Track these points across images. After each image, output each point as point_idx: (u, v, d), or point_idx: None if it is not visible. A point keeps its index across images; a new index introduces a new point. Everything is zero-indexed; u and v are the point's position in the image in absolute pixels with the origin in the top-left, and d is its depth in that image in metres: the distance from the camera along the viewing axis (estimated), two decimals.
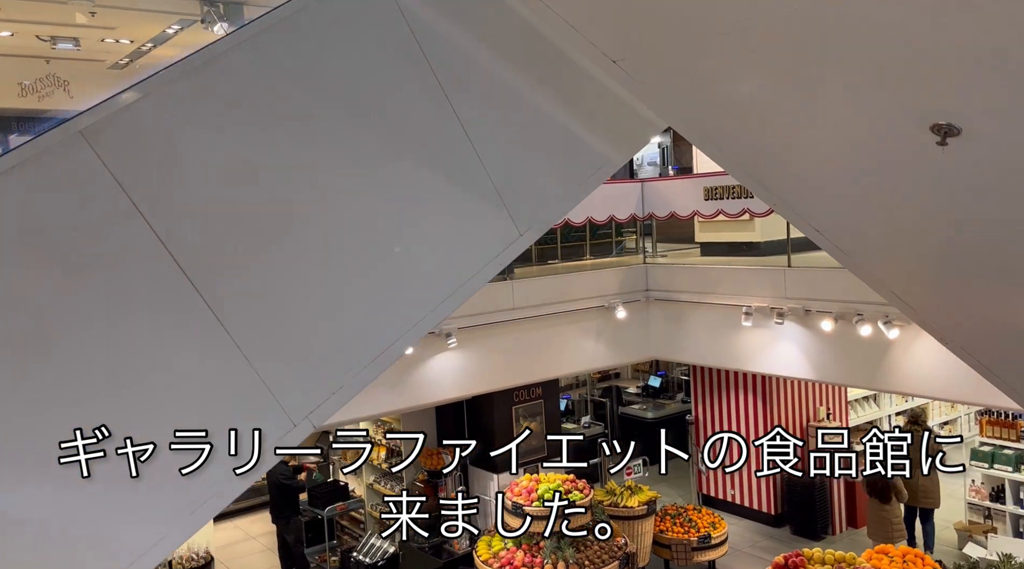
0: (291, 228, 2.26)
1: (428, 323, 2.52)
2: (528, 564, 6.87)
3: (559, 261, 9.74)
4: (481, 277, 2.62)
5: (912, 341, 6.73)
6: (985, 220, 1.99)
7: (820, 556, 5.43)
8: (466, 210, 2.58)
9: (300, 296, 2.27)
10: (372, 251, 2.44)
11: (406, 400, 7.23)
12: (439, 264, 2.54)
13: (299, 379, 2.28)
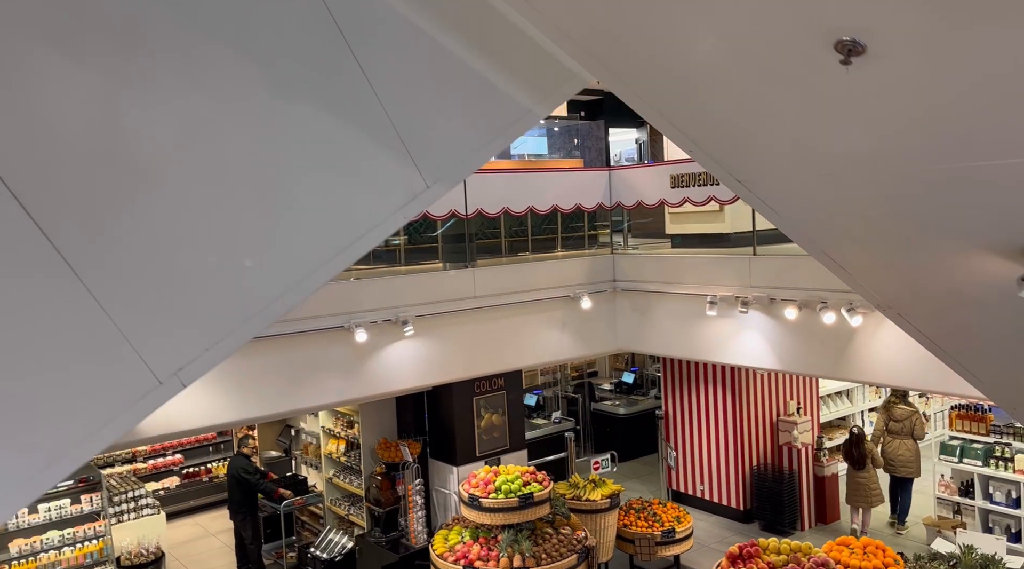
0: (162, 171, 2.06)
1: (320, 277, 2.33)
2: (484, 557, 6.66)
3: (529, 254, 9.56)
4: (382, 230, 2.43)
5: (876, 330, 6.61)
6: (893, 155, 1.83)
7: (775, 546, 5.28)
8: (365, 159, 2.39)
9: (170, 245, 2.07)
10: (256, 199, 2.24)
11: (360, 389, 7.01)
12: (333, 215, 2.35)
13: (166, 334, 2.08)
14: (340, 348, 6.87)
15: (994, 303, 2.53)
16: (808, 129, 1.86)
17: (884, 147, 1.84)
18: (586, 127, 15.61)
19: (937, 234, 2.21)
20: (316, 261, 2.31)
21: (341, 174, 2.37)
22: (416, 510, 7.62)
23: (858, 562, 5.81)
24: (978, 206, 2.04)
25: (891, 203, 2.09)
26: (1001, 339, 2.76)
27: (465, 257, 7.98)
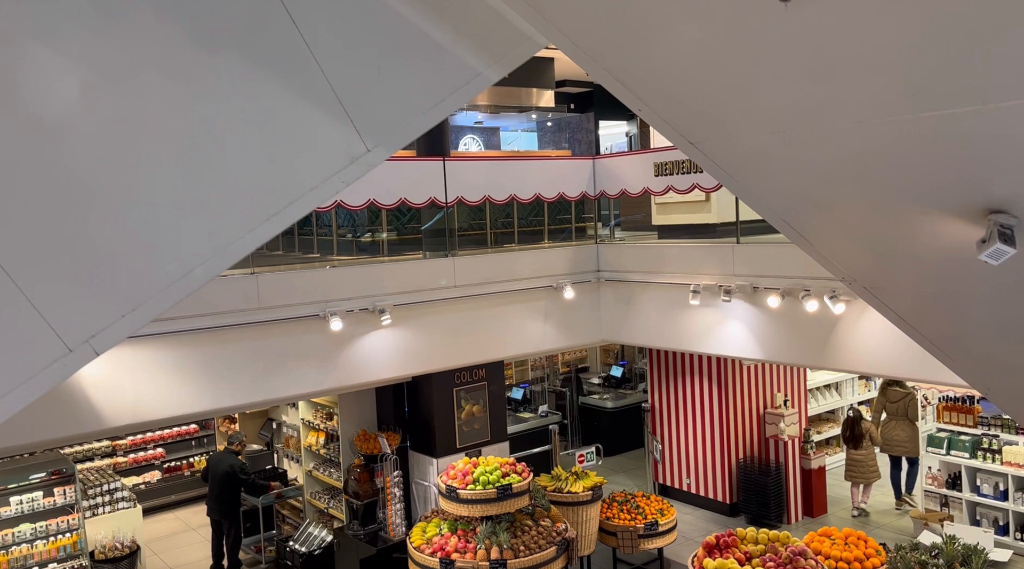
0: (71, 127, 1.94)
1: (248, 243, 2.22)
2: (461, 549, 6.55)
3: (516, 246, 9.45)
4: (318, 194, 2.32)
5: (858, 318, 6.52)
6: (841, 106, 1.72)
7: (753, 536, 5.17)
8: (298, 119, 2.27)
9: (80, 205, 1.95)
10: (176, 159, 2.12)
11: (337, 379, 6.89)
12: (263, 178, 2.23)
13: (77, 300, 1.96)
14: (316, 337, 6.75)
15: (958, 271, 2.42)
16: (751, 79, 1.75)
17: (831, 97, 1.73)
18: (576, 120, 15.49)
19: (895, 197, 2.10)
20: (243, 226, 2.19)
21: (272, 135, 2.25)
22: (394, 502, 7.50)
23: (839, 553, 5.71)
24: (933, 163, 1.93)
25: (844, 162, 1.98)
26: (967, 311, 2.65)
27: (447, 247, 7.87)
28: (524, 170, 8.28)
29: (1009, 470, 8.11)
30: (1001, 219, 2.06)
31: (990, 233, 2.05)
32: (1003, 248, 2.03)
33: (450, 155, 8.18)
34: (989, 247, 2.04)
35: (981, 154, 1.85)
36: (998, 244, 2.03)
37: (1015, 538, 8.13)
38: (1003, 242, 2.04)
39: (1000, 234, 2.05)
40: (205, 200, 2.13)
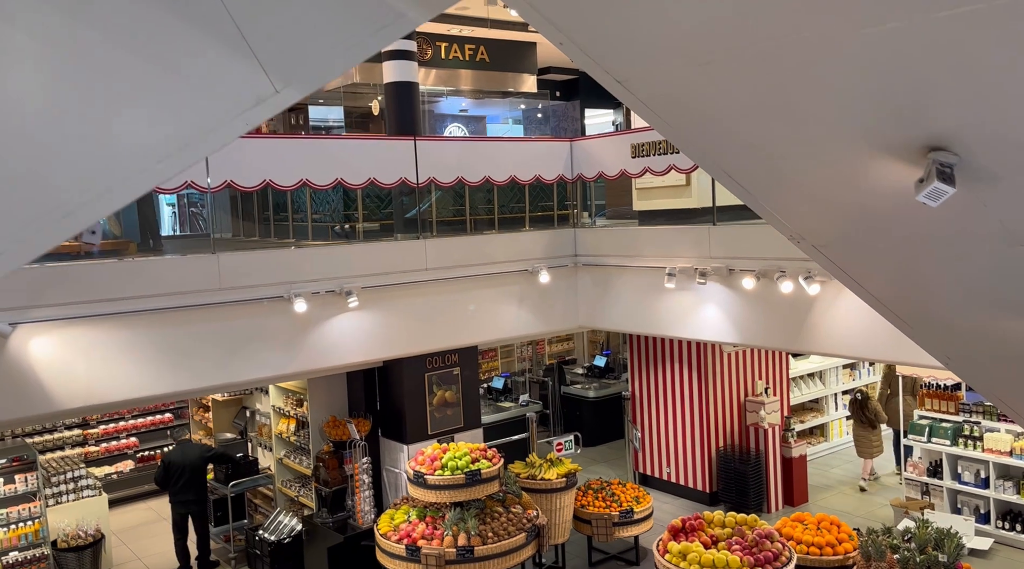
0: None
1: (137, 186, 2.06)
2: (428, 536, 6.40)
3: (496, 232, 9.29)
4: (218, 136, 2.16)
5: (833, 300, 6.38)
6: (755, 19, 1.56)
7: (720, 519, 5.04)
8: (195, 54, 2.11)
9: None
10: (54, 91, 1.96)
11: (302, 363, 6.72)
12: (155, 117, 2.07)
13: None
14: (280, 319, 6.59)
15: (906, 221, 2.27)
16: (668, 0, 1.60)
17: (745, 16, 1.58)
18: (562, 108, 15.33)
19: (826, 134, 1.95)
20: (132, 167, 2.03)
21: (166, 70, 2.09)
22: (363, 490, 7.35)
23: (811, 537, 5.59)
24: (862, 91, 1.78)
25: (769, 95, 1.83)
26: (919, 267, 2.50)
27: (419, 228, 7.70)
28: (499, 152, 8.12)
29: (990, 457, 8.00)
30: (940, 157, 1.91)
31: (928, 172, 1.90)
32: (941, 187, 1.88)
33: (422, 135, 8.01)
34: (926, 186, 1.90)
35: (914, 79, 1.70)
36: (936, 183, 1.88)
37: (996, 526, 8.02)
38: (941, 181, 1.89)
39: (939, 173, 1.90)
40: (87, 137, 1.97)
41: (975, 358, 3.05)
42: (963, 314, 2.67)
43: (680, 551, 4.65)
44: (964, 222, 2.18)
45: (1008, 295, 2.39)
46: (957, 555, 4.95)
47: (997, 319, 2.53)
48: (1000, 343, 2.79)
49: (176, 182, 6.08)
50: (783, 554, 4.69)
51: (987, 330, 2.70)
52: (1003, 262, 2.25)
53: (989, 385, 3.23)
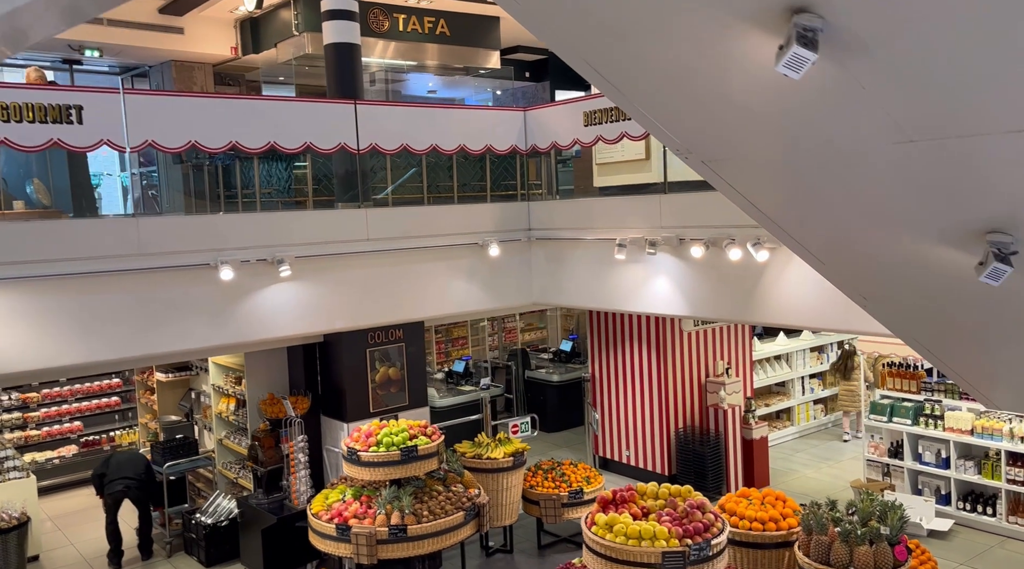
0: None
1: None
2: (360, 514, 6.11)
3: (443, 203, 8.99)
4: None
5: (783, 269, 6.14)
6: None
7: (654, 490, 4.78)
8: None
9: None
10: None
11: (230, 335, 6.41)
12: None
13: None
14: (206, 288, 6.26)
15: (781, 113, 2.00)
16: None
17: None
18: (532, 90, 15.00)
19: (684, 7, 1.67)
20: None
21: None
22: (299, 469, 7.04)
23: (754, 513, 5.34)
24: None
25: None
26: (809, 179, 2.24)
27: (357, 196, 7.39)
28: (448, 120, 7.81)
29: (951, 436, 7.80)
30: (803, 20, 1.63)
31: (789, 37, 1.62)
32: (801, 53, 1.60)
33: (363, 99, 7.69)
34: (786, 54, 1.62)
35: None
36: (795, 48, 1.61)
37: (957, 508, 7.83)
38: (802, 45, 1.61)
39: (799, 37, 1.62)
40: None
41: (889, 296, 2.79)
42: (864, 237, 2.40)
43: (607, 522, 4.39)
44: (849, 117, 1.91)
45: (902, 209, 2.13)
46: (900, 528, 4.71)
47: (896, 239, 2.26)
48: (906, 273, 2.53)
49: (90, 141, 5.74)
50: (715, 525, 4.44)
51: (890, 256, 2.44)
52: (895, 166, 1.99)
53: (906, 326, 2.98)
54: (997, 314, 2.64)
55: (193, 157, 10.50)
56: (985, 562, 6.94)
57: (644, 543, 4.22)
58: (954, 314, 2.75)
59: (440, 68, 12.14)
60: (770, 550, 5.23)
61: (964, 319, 2.76)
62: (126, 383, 10.70)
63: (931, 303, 2.68)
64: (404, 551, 5.98)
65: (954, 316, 2.78)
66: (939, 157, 1.89)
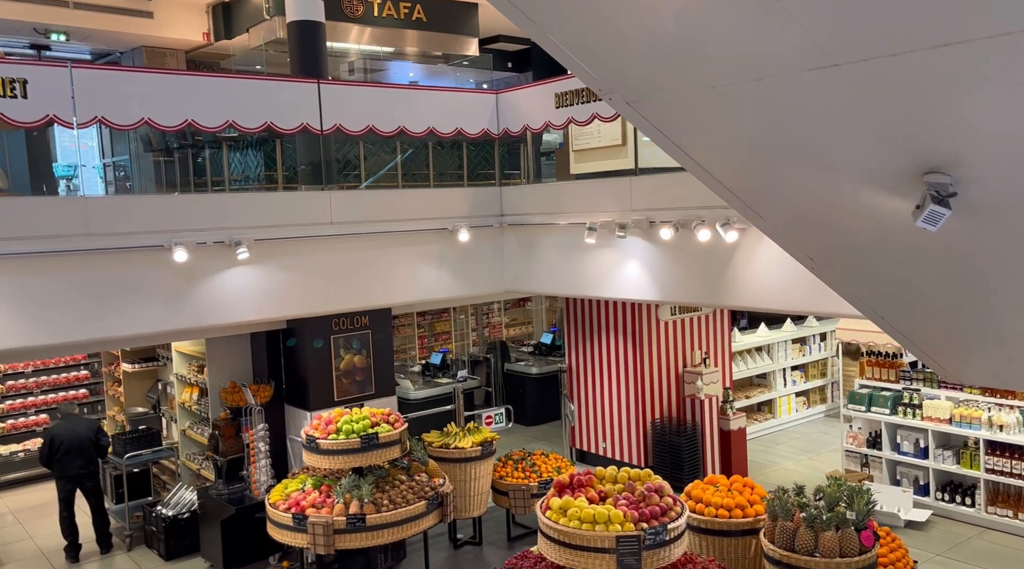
0: None
1: None
2: (318, 504, 5.91)
3: (411, 187, 8.81)
4: None
5: (752, 251, 5.98)
6: None
7: (613, 474, 4.60)
8: None
9: None
10: None
11: (186, 320, 6.21)
12: None
13: None
14: (161, 271, 6.06)
15: (695, 39, 1.82)
16: None
17: None
18: (514, 80, 14.83)
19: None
20: None
21: None
22: (260, 458, 6.84)
23: (720, 499, 5.17)
24: None
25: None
26: (733, 114, 2.06)
27: (320, 177, 7.19)
28: (416, 101, 7.62)
29: (929, 425, 7.65)
30: None
31: None
32: None
33: (328, 78, 7.51)
34: None
35: None
36: None
37: (935, 498, 7.68)
38: None
39: None
40: None
41: (833, 256, 2.62)
42: (800, 186, 2.23)
43: (561, 506, 4.21)
44: (767, 40, 1.73)
45: (829, 147, 1.95)
46: (867, 513, 4.55)
47: (829, 184, 2.09)
48: (846, 227, 2.36)
49: (34, 116, 5.53)
50: (673, 509, 4.26)
51: (827, 207, 2.27)
52: (821, 95, 1.81)
53: (857, 291, 2.81)
54: (950, 274, 2.48)
55: (163, 144, 10.32)
56: (962, 553, 6.79)
57: (599, 527, 4.05)
58: (903, 275, 2.58)
59: (420, 56, 11.97)
60: (736, 538, 5.06)
61: (914, 280, 2.59)
62: (94, 375, 10.47)
63: (877, 261, 2.51)
64: (363, 541, 5.79)
65: (904, 278, 2.62)
66: (866, 82, 1.72)
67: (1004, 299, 2.46)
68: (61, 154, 10.60)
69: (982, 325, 2.78)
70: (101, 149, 10.64)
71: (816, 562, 4.41)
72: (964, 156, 1.88)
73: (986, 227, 2.04)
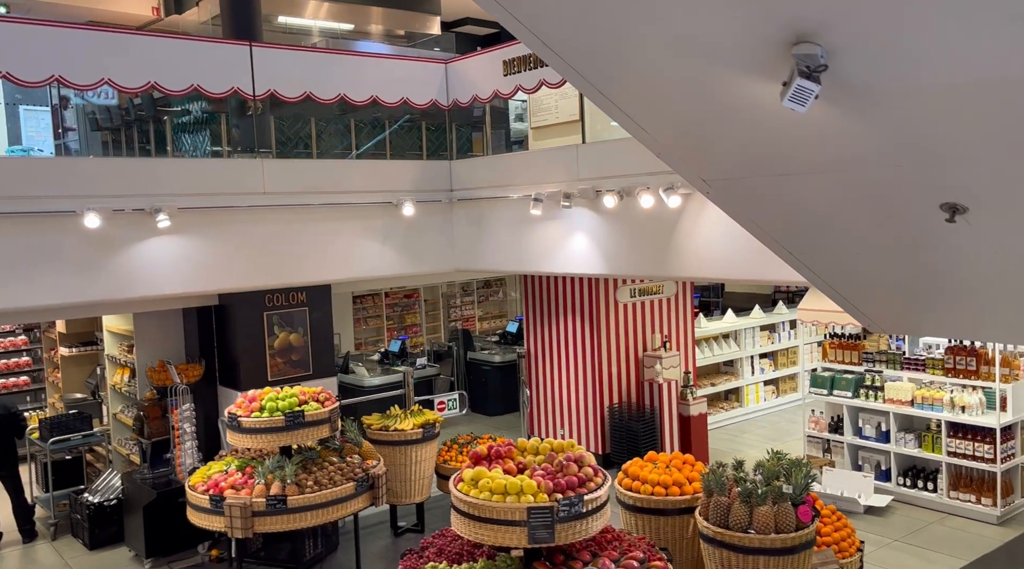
0: None
1: None
2: (239, 485, 5.56)
3: (355, 158, 8.51)
4: None
5: (697, 219, 5.70)
6: None
7: (535, 446, 4.29)
8: None
9: None
10: None
11: (102, 291, 5.84)
12: None
13: None
14: (72, 238, 5.70)
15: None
16: None
17: None
18: None
19: None
20: None
21: None
22: (185, 440, 6.48)
23: (656, 476, 4.87)
24: None
25: None
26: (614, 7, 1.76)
27: (252, 145, 6.85)
28: (359, 68, 7.29)
29: (891, 408, 7.39)
30: None
31: None
32: None
33: (262, 40, 7.18)
34: None
35: None
36: None
37: (897, 483, 7.42)
38: None
39: None
40: None
41: (725, 171, 2.31)
42: (667, 80, 1.93)
43: (472, 477, 3.89)
44: None
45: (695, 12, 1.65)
46: (806, 487, 4.26)
47: (701, 71, 1.79)
48: (725, 123, 2.06)
49: None
50: (592, 480, 3.96)
51: (704, 106, 1.97)
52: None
53: (748, 214, 2.51)
54: (842, 191, 2.18)
55: (108, 120, 9.95)
56: (920, 538, 6.52)
57: (510, 499, 3.73)
58: (799, 196, 2.28)
59: (383, 37, 11.64)
60: (673, 517, 4.76)
61: (810, 201, 2.29)
62: (36, 362, 10.07)
63: (773, 183, 2.21)
64: (284, 524, 5.45)
65: (800, 200, 2.32)
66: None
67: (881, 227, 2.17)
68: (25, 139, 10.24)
69: (881, 258, 2.49)
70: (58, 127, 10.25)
71: (750, 539, 4.11)
72: (831, 20, 1.58)
73: (859, 116, 1.74)
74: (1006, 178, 1.86)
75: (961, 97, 1.64)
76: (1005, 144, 1.76)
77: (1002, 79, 1.57)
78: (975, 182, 1.91)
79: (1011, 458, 6.86)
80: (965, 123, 1.73)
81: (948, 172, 1.89)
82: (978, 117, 1.70)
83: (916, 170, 1.92)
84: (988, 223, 2.03)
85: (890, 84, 1.66)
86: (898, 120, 1.74)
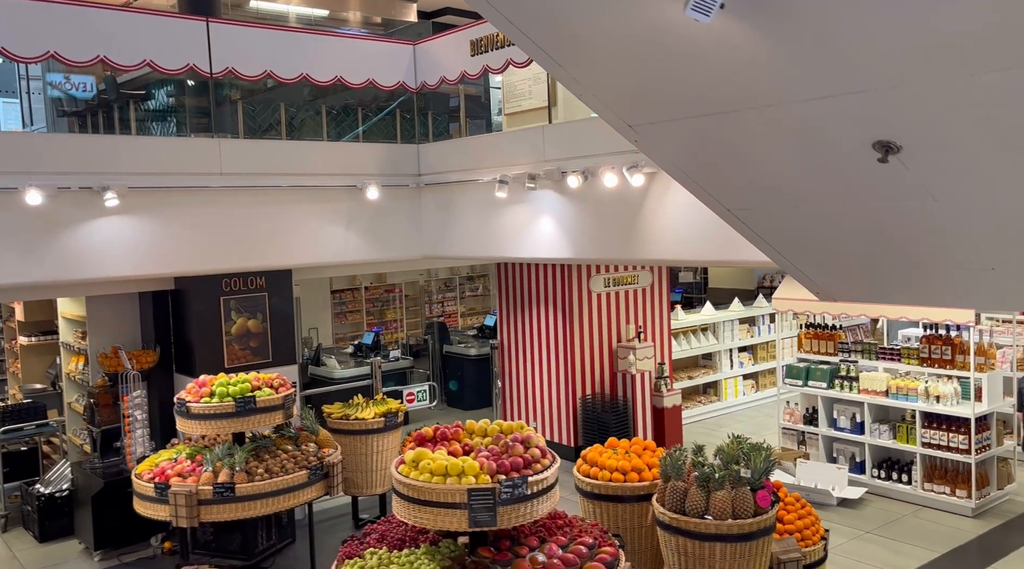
0: None
1: None
2: (186, 473, 5.36)
3: (319, 139, 8.32)
4: None
5: (661, 200, 5.55)
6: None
7: (483, 428, 4.11)
8: None
9: None
10: None
11: (47, 272, 5.62)
12: None
13: None
14: (14, 217, 5.48)
15: None
16: None
17: None
18: None
19: None
20: None
21: None
22: (136, 428, 6.27)
23: (615, 462, 4.70)
24: None
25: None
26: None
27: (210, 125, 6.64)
28: (322, 47, 7.09)
29: (865, 398, 7.25)
30: None
31: None
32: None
33: (220, 16, 6.98)
34: None
35: None
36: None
37: (871, 475, 7.28)
38: None
39: None
40: None
41: (651, 122, 2.14)
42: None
43: (413, 458, 3.71)
44: None
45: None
46: (765, 471, 4.09)
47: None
48: (642, 56, 1.89)
49: None
50: (539, 462, 3.78)
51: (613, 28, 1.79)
52: None
53: (677, 164, 2.34)
54: (769, 129, 2.01)
55: (73, 107, 9.72)
56: (892, 531, 6.38)
57: (450, 480, 3.55)
58: (729, 145, 2.11)
59: (360, 25, 11.45)
60: (631, 504, 4.59)
61: (747, 154, 2.12)
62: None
63: (705, 126, 2.04)
64: (232, 513, 5.24)
65: (736, 152, 2.15)
66: None
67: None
68: None
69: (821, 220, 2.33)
70: None
71: (707, 524, 3.94)
72: None
73: (774, 36, 1.57)
74: (935, 110, 1.69)
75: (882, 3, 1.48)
76: (930, 68, 1.60)
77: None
78: (906, 116, 1.74)
79: (986, 449, 6.73)
80: (888, 39, 1.57)
81: (877, 103, 1.73)
82: (898, 31, 1.54)
83: (842, 104, 1.75)
84: (924, 165, 1.87)
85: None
86: (817, 36, 1.57)
